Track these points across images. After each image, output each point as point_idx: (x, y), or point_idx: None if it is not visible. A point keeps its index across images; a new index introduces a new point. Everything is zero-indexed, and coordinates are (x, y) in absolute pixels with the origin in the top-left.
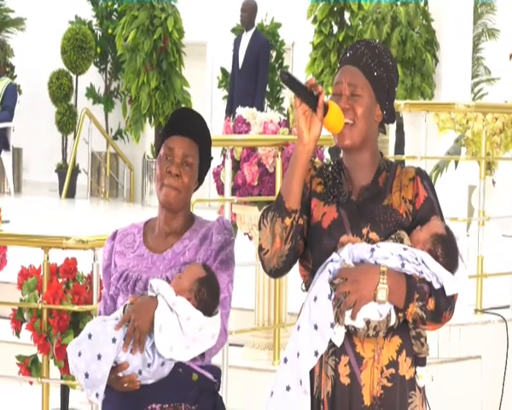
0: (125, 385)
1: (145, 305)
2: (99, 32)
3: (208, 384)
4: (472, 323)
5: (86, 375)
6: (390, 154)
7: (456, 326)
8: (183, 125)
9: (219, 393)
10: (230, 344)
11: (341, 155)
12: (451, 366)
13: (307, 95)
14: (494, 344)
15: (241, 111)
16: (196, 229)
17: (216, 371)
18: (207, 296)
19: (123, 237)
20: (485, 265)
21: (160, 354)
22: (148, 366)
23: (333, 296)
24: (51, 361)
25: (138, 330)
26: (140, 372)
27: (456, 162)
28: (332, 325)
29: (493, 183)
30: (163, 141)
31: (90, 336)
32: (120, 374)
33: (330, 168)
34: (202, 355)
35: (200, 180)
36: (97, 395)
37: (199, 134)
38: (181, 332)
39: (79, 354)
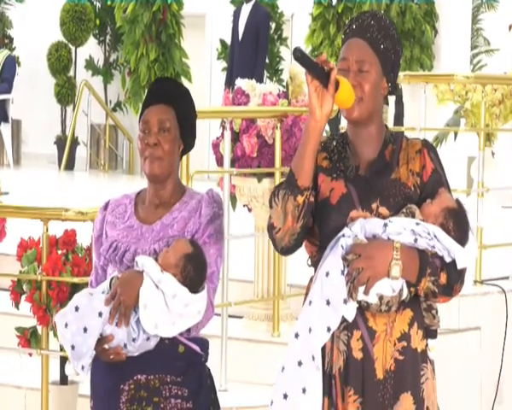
0: (111, 357)
1: (131, 280)
2: (98, 4)
3: (195, 356)
4: (471, 294)
5: (72, 347)
6: (389, 125)
7: (455, 298)
8: (155, 93)
9: (207, 365)
10: (230, 316)
11: (345, 128)
12: (451, 338)
13: (319, 71)
14: (493, 315)
15: (241, 83)
16: (186, 201)
17: (203, 344)
18: (193, 273)
19: (115, 208)
20: (484, 236)
21: (145, 330)
22: (133, 340)
23: (346, 272)
24: (50, 333)
25: (124, 305)
26: (125, 346)
27: (456, 134)
28: (345, 301)
29: (492, 154)
30: (140, 118)
31: (76, 308)
32: (106, 346)
33: (335, 142)
34: (188, 330)
35: (188, 144)
36: (83, 367)
37: (172, 97)
38: (166, 309)
39: (66, 326)
